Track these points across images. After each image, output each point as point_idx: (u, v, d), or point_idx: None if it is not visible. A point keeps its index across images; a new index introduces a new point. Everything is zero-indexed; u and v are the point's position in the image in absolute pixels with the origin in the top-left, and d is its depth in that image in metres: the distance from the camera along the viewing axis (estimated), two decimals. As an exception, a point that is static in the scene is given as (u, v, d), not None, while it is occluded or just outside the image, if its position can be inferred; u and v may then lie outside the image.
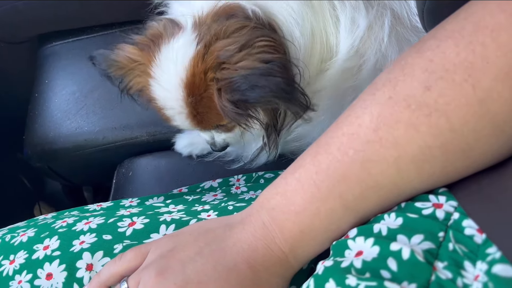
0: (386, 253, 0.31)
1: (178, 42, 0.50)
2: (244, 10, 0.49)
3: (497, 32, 0.29)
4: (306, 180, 0.36)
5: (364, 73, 0.52)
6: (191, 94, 0.50)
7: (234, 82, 0.46)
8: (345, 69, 0.52)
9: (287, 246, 0.37)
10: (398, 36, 0.53)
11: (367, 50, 0.52)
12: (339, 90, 0.53)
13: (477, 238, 0.31)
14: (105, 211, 0.52)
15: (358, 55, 0.52)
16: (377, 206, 0.35)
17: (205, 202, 0.55)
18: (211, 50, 0.48)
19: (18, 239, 0.46)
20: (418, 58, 0.32)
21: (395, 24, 0.53)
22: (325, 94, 0.53)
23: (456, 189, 0.34)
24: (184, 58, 0.49)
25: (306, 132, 0.56)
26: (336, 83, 0.52)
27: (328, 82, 0.52)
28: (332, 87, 0.52)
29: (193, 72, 0.49)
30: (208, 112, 0.51)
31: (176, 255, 0.37)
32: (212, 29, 0.49)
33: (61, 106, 0.79)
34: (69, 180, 0.92)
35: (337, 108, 0.54)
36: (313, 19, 0.51)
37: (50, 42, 0.86)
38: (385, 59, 0.52)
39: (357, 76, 0.53)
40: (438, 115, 0.31)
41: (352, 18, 0.52)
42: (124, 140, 0.75)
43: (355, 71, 0.53)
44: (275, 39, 0.48)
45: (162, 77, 0.51)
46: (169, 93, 0.51)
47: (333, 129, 0.36)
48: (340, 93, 0.53)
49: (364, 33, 0.52)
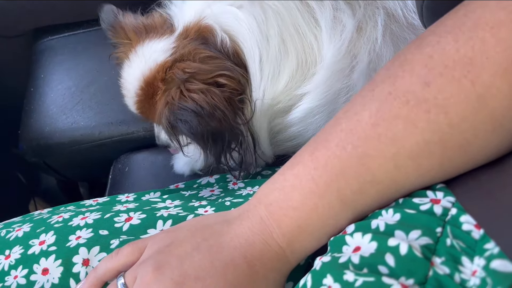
0: (384, 249, 0.31)
1: (158, 44, 0.55)
2: (215, 37, 0.53)
3: (497, 28, 0.29)
4: (304, 176, 0.36)
5: (357, 73, 0.52)
6: (144, 90, 0.55)
7: (176, 106, 0.51)
8: (335, 71, 0.52)
9: (284, 241, 0.37)
10: (393, 35, 0.52)
11: (359, 51, 0.52)
12: (331, 90, 0.53)
13: (474, 234, 0.31)
14: (102, 206, 0.51)
15: (350, 57, 0.52)
16: (375, 201, 0.35)
17: (202, 197, 0.54)
18: (176, 65, 0.52)
19: (14, 234, 0.46)
20: (418, 54, 0.32)
21: (389, 23, 0.52)
22: (315, 96, 0.53)
23: (454, 185, 0.34)
24: (153, 61, 0.54)
25: (299, 132, 0.56)
26: (327, 84, 0.52)
27: (317, 85, 0.52)
28: (322, 88, 0.52)
29: (154, 76, 0.54)
30: (151, 111, 0.56)
31: (173, 251, 0.37)
32: (186, 48, 0.53)
33: (57, 101, 0.78)
34: (64, 175, 0.92)
35: (330, 107, 0.54)
36: (282, 30, 0.52)
37: (46, 36, 0.85)
38: (380, 58, 0.52)
39: (350, 76, 0.52)
40: (437, 111, 0.31)
41: (334, 20, 0.51)
42: (121, 135, 0.75)
43: (347, 72, 0.52)
44: (233, 77, 0.52)
45: (131, 65, 0.56)
46: (129, 78, 0.57)
47: (332, 125, 0.36)
48: (332, 93, 0.53)
49: (352, 34, 0.51)
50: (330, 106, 0.54)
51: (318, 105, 0.53)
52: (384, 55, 0.52)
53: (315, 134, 0.37)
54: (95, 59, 0.80)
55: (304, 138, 0.57)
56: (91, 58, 0.80)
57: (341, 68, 0.52)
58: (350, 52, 0.52)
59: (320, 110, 0.54)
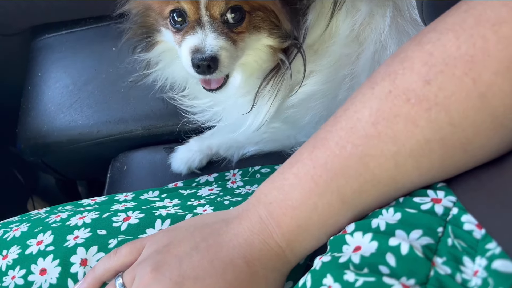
0: (385, 249, 0.31)
1: None
2: None
3: (498, 25, 0.29)
4: (303, 175, 0.36)
5: (362, 61, 0.52)
6: None
7: None
8: (343, 55, 0.52)
9: (284, 241, 0.36)
10: (398, 28, 0.53)
11: (366, 38, 0.52)
12: (337, 76, 0.52)
13: (476, 234, 0.30)
14: (100, 206, 0.51)
15: (358, 42, 0.52)
16: (375, 200, 0.35)
17: (201, 196, 0.54)
18: None
19: (11, 234, 0.46)
20: (418, 51, 0.32)
21: (397, 16, 0.53)
22: (320, 78, 0.53)
23: (455, 184, 0.34)
24: None
25: (295, 117, 0.55)
26: (334, 68, 0.52)
27: (324, 66, 0.52)
28: (329, 71, 0.52)
29: None
30: None
31: (172, 250, 0.37)
32: None
33: (55, 99, 0.78)
34: (63, 174, 0.91)
35: (332, 93, 0.53)
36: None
37: (44, 34, 0.84)
38: (385, 49, 0.52)
39: (355, 63, 0.53)
40: (438, 109, 0.31)
41: (353, 1, 0.52)
42: (119, 134, 0.74)
43: (353, 59, 0.53)
44: None
45: None
46: None
47: (331, 123, 0.36)
48: (337, 79, 0.53)
49: (364, 18, 0.52)
50: (332, 92, 0.53)
51: (322, 89, 0.53)
52: (389, 46, 0.52)
53: (309, 123, 0.37)
54: (93, 57, 0.79)
55: (296, 126, 0.56)
56: (89, 56, 0.80)
57: (349, 53, 0.52)
58: (359, 37, 0.52)
59: (323, 95, 0.53)
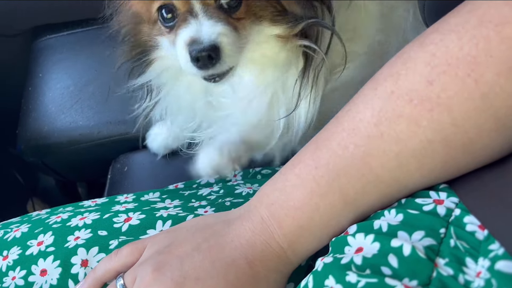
0: (387, 250, 0.31)
1: None
2: None
3: (501, 26, 0.29)
4: (305, 175, 0.36)
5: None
6: None
7: None
8: (376, 41, 0.53)
9: (286, 242, 0.36)
10: (416, 26, 0.54)
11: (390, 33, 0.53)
12: (373, 63, 0.53)
13: (478, 235, 0.30)
14: (100, 207, 0.51)
15: (384, 34, 0.53)
16: (377, 201, 0.35)
17: (202, 196, 0.54)
18: None
19: (12, 235, 0.46)
20: (421, 52, 0.32)
21: (417, 13, 0.53)
22: (357, 63, 0.53)
23: (457, 185, 0.34)
24: None
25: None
26: (368, 54, 0.53)
27: (359, 49, 0.53)
28: (364, 57, 0.53)
29: None
30: None
31: (173, 251, 0.37)
32: None
33: (55, 100, 0.78)
34: (63, 175, 0.91)
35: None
36: None
37: (45, 35, 0.85)
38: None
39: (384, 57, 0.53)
40: (441, 110, 0.31)
41: None
42: (120, 135, 0.74)
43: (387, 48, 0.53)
44: None
45: None
46: None
47: (333, 124, 0.36)
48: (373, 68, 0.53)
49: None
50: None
51: (361, 75, 0.52)
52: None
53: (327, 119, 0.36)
54: (94, 58, 0.79)
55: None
56: (90, 57, 0.80)
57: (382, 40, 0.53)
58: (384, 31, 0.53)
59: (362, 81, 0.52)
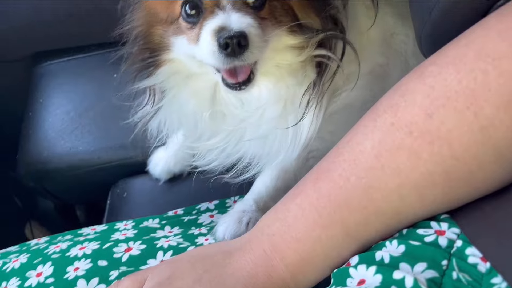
0: (389, 282, 0.31)
1: None
2: None
3: (498, 60, 0.29)
4: (307, 206, 0.36)
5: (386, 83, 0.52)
6: None
7: None
8: (378, 64, 0.53)
9: (288, 274, 0.36)
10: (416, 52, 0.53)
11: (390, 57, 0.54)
12: (373, 85, 0.53)
13: (481, 267, 0.30)
14: (100, 235, 0.51)
15: (385, 57, 0.53)
16: (379, 232, 0.35)
17: (202, 224, 0.54)
18: None
19: (10, 266, 0.45)
20: (420, 84, 0.32)
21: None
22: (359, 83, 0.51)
23: (459, 215, 0.34)
24: None
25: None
26: (370, 75, 0.53)
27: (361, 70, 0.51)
28: (366, 77, 0.52)
29: None
30: None
31: (174, 283, 0.36)
32: None
33: (56, 125, 0.78)
34: (62, 199, 0.91)
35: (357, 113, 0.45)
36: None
37: (45, 60, 0.85)
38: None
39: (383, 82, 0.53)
40: (441, 143, 0.31)
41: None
42: (119, 160, 0.74)
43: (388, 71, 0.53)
44: None
45: None
46: None
47: (334, 155, 0.36)
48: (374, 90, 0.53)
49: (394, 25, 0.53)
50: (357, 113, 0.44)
51: (362, 96, 0.51)
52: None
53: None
54: (94, 84, 0.80)
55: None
56: (90, 82, 0.80)
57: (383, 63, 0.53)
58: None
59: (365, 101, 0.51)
